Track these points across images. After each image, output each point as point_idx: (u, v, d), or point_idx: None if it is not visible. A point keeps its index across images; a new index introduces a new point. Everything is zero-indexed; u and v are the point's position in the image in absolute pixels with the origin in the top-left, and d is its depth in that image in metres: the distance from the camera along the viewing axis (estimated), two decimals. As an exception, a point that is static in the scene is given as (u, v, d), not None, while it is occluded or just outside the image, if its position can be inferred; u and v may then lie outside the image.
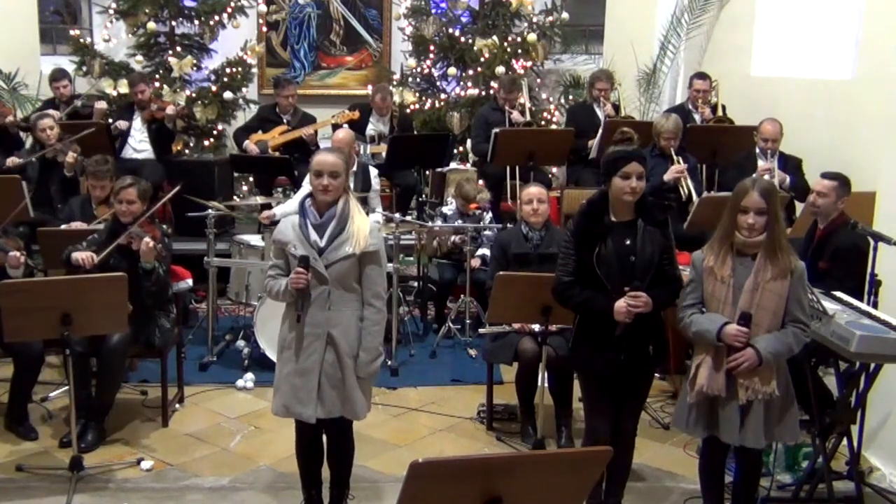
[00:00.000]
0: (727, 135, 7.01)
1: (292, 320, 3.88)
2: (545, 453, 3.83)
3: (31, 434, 4.99)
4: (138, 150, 7.84)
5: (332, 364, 3.85)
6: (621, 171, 3.75)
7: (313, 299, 3.82)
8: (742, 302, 3.66)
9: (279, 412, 3.96)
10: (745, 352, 3.63)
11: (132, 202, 4.95)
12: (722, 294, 3.69)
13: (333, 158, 3.84)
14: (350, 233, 3.82)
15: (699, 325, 3.71)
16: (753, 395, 3.67)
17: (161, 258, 4.92)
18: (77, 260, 4.84)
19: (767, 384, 3.67)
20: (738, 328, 3.62)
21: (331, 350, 3.84)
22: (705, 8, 8.45)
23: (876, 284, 4.48)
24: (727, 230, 3.71)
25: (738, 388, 3.68)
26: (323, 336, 3.84)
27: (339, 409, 3.89)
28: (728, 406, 3.71)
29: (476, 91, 8.77)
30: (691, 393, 3.75)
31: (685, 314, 3.78)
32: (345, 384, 3.86)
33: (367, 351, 3.87)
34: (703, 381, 3.70)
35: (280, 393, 3.93)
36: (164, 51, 8.91)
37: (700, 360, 3.74)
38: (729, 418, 3.72)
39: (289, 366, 3.90)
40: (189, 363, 5.84)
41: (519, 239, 5.29)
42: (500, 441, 5.13)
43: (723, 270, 3.68)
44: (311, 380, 3.85)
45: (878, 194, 5.36)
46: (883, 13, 5.71)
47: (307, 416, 3.87)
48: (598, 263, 3.79)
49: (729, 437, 3.75)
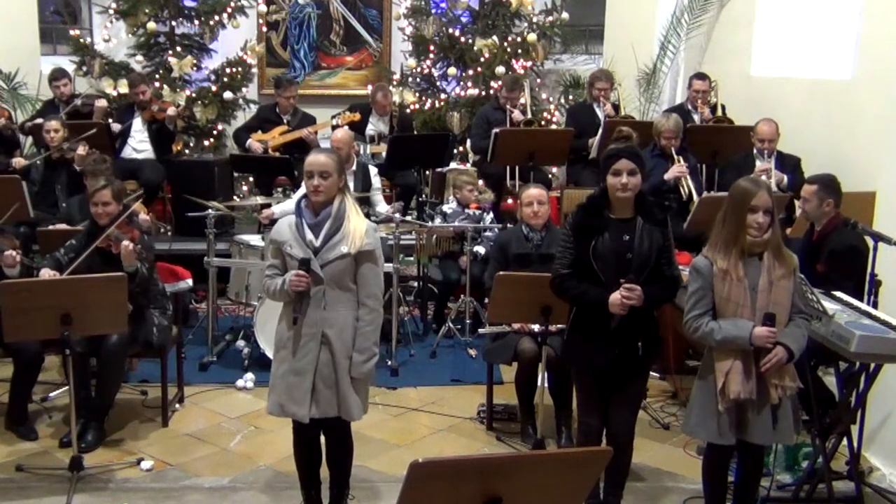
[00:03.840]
0: (727, 135, 7.02)
1: (289, 320, 3.88)
2: (545, 453, 3.82)
3: (31, 434, 4.99)
4: (138, 150, 7.84)
5: (327, 364, 3.85)
6: (612, 168, 3.80)
7: (310, 300, 3.82)
8: (760, 302, 3.66)
9: (274, 411, 3.96)
10: (777, 351, 3.63)
11: (107, 203, 4.90)
12: (740, 296, 3.67)
13: (323, 159, 3.83)
14: (345, 232, 3.82)
15: (726, 332, 3.66)
16: (783, 392, 3.69)
17: (142, 258, 4.87)
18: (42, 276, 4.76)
19: (793, 379, 3.72)
20: (768, 329, 3.62)
21: (325, 350, 3.84)
22: (705, 8, 8.45)
23: (876, 284, 4.48)
24: (734, 232, 3.68)
25: (769, 388, 3.68)
26: (318, 336, 3.83)
27: (335, 409, 3.88)
28: (761, 408, 3.71)
29: (476, 91, 8.76)
30: (723, 401, 3.70)
31: (701, 323, 3.72)
32: (339, 385, 3.86)
33: (361, 351, 3.86)
34: (739, 388, 3.66)
35: (275, 392, 3.93)
36: (164, 51, 8.90)
37: (728, 367, 3.69)
38: (762, 420, 3.72)
39: (284, 365, 3.90)
40: (189, 363, 5.84)
41: (519, 239, 5.29)
42: (500, 441, 5.13)
43: (738, 271, 3.67)
44: (306, 380, 3.84)
45: (878, 194, 5.37)
46: (883, 13, 5.71)
47: (301, 416, 3.87)
48: (594, 258, 3.81)
49: (762, 437, 3.76)
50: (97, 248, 4.80)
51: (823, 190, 4.80)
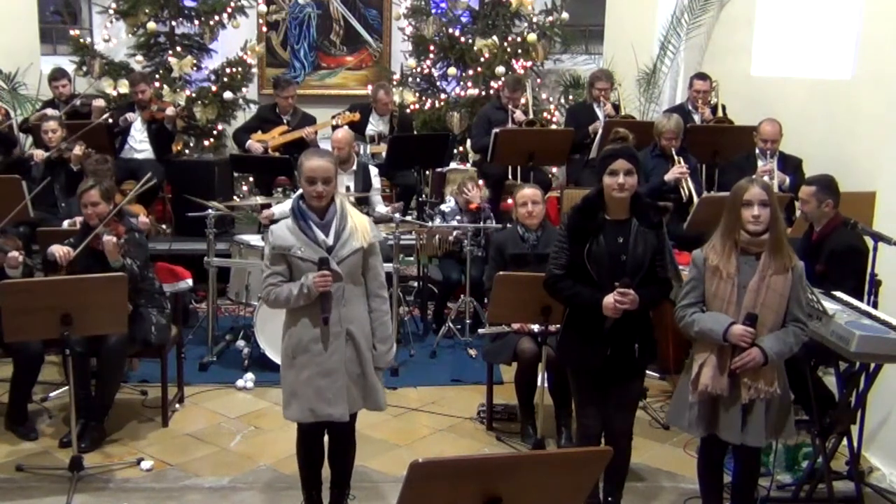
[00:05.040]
0: (727, 135, 7.01)
1: (312, 322, 3.81)
2: (545, 453, 3.83)
3: (31, 434, 4.99)
4: (138, 149, 7.84)
5: (352, 360, 3.85)
6: (609, 169, 3.81)
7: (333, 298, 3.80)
8: (747, 301, 3.67)
9: (305, 417, 3.87)
10: (751, 351, 3.64)
11: (96, 204, 4.89)
12: (726, 293, 3.69)
13: (326, 164, 3.80)
14: (353, 228, 3.83)
15: (703, 324, 3.70)
16: (756, 394, 3.69)
17: (128, 254, 4.85)
18: (53, 254, 4.80)
19: (770, 384, 3.69)
20: (745, 328, 3.63)
21: (350, 346, 3.84)
22: (705, 8, 8.45)
23: (876, 284, 4.48)
24: (729, 228, 3.71)
25: (741, 387, 3.68)
26: (342, 333, 3.82)
27: (360, 403, 3.91)
28: (730, 405, 3.72)
29: (476, 91, 8.77)
30: (693, 392, 3.75)
31: (686, 313, 3.78)
32: (366, 378, 3.88)
33: (383, 341, 3.91)
34: (707, 381, 3.70)
35: (302, 398, 3.84)
36: (164, 51, 8.90)
37: (703, 359, 3.74)
38: (731, 418, 3.73)
39: (308, 370, 3.82)
40: (189, 363, 5.84)
41: (515, 240, 5.29)
42: (500, 441, 5.13)
43: (728, 268, 3.68)
44: (338, 379, 3.82)
45: (878, 194, 5.37)
46: (883, 13, 5.71)
47: (339, 416, 3.84)
48: (588, 259, 3.82)
49: (730, 435, 3.76)
50: (91, 249, 4.80)
51: (822, 191, 4.80)
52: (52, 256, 4.82)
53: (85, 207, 4.93)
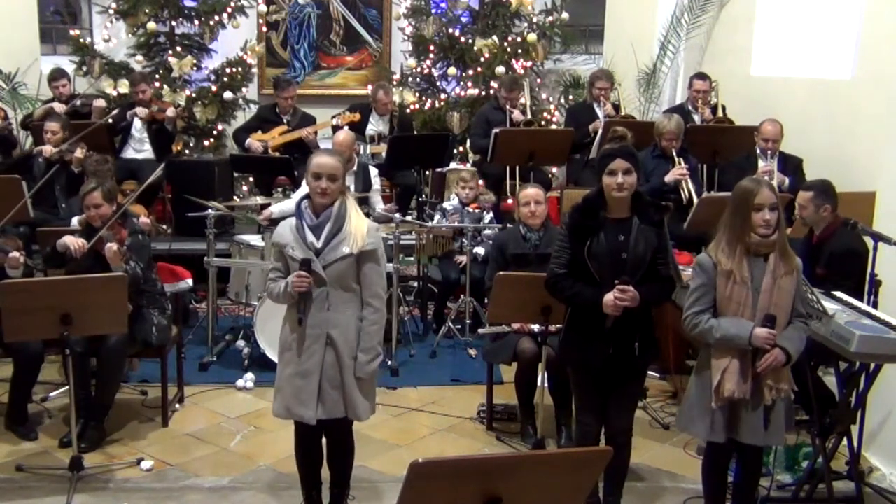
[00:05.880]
0: (727, 135, 7.01)
1: (293, 322, 3.88)
2: (545, 453, 3.83)
3: (31, 434, 4.99)
4: (138, 150, 7.84)
5: (332, 365, 3.85)
6: (608, 169, 3.81)
7: (312, 300, 3.82)
8: (761, 303, 3.66)
9: (280, 413, 3.96)
10: (774, 352, 3.63)
11: (99, 205, 4.89)
12: (741, 296, 3.66)
13: (333, 161, 3.83)
14: (347, 232, 3.81)
15: (726, 331, 3.66)
16: (777, 394, 3.70)
17: (129, 259, 4.84)
18: (67, 246, 4.78)
19: (787, 382, 3.73)
20: (768, 331, 3.62)
21: (330, 351, 3.84)
22: (705, 8, 8.45)
23: (876, 284, 4.48)
24: (738, 232, 3.68)
25: (763, 389, 3.68)
26: (322, 337, 3.83)
27: (342, 410, 3.88)
28: (754, 408, 3.72)
29: (476, 91, 8.77)
30: (717, 399, 3.70)
31: (701, 320, 3.72)
32: (345, 385, 3.85)
33: (365, 351, 3.86)
34: (733, 387, 3.67)
35: (281, 394, 3.93)
36: (164, 51, 8.90)
37: (724, 365, 3.69)
38: (754, 420, 3.72)
39: (290, 367, 3.89)
40: (189, 363, 5.84)
41: (517, 239, 5.29)
42: (500, 441, 5.13)
43: (742, 271, 3.66)
44: (312, 381, 3.84)
45: (878, 194, 5.37)
46: (883, 13, 5.72)
47: (308, 418, 3.86)
48: (589, 257, 3.82)
49: (753, 438, 3.75)
50: (93, 250, 4.81)
51: (819, 196, 4.81)
52: (64, 247, 4.80)
53: (88, 209, 4.93)
